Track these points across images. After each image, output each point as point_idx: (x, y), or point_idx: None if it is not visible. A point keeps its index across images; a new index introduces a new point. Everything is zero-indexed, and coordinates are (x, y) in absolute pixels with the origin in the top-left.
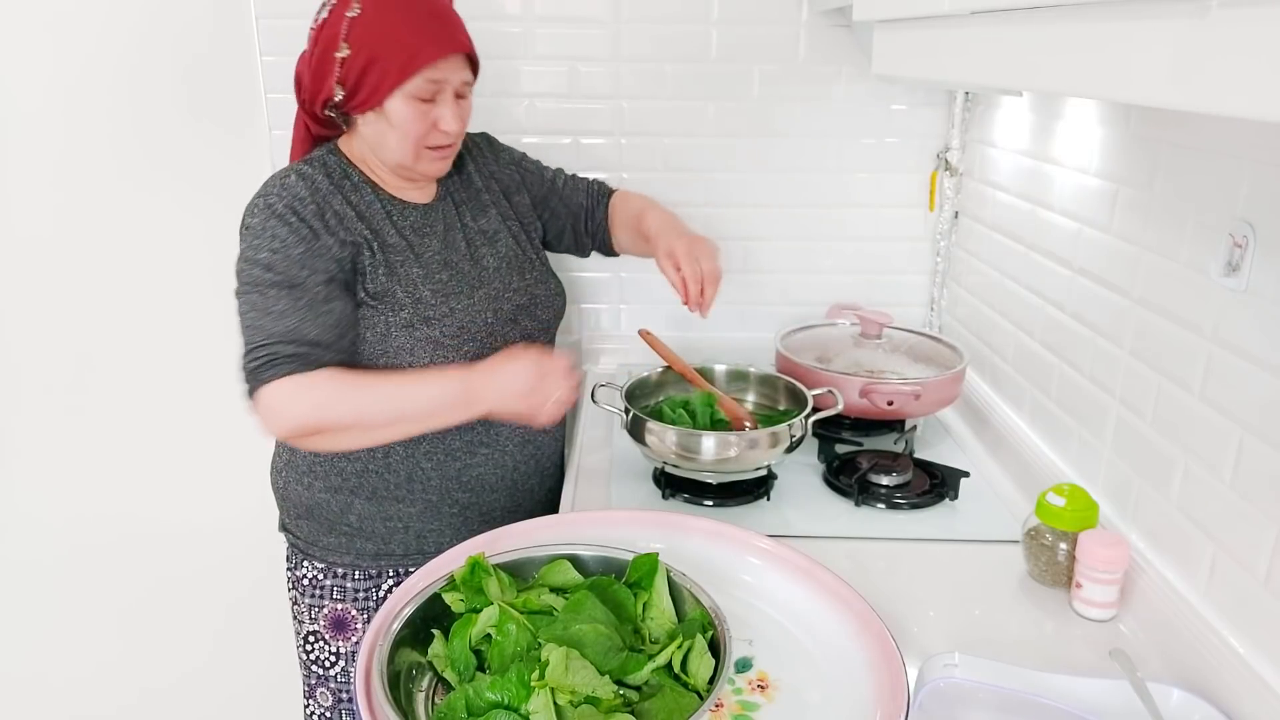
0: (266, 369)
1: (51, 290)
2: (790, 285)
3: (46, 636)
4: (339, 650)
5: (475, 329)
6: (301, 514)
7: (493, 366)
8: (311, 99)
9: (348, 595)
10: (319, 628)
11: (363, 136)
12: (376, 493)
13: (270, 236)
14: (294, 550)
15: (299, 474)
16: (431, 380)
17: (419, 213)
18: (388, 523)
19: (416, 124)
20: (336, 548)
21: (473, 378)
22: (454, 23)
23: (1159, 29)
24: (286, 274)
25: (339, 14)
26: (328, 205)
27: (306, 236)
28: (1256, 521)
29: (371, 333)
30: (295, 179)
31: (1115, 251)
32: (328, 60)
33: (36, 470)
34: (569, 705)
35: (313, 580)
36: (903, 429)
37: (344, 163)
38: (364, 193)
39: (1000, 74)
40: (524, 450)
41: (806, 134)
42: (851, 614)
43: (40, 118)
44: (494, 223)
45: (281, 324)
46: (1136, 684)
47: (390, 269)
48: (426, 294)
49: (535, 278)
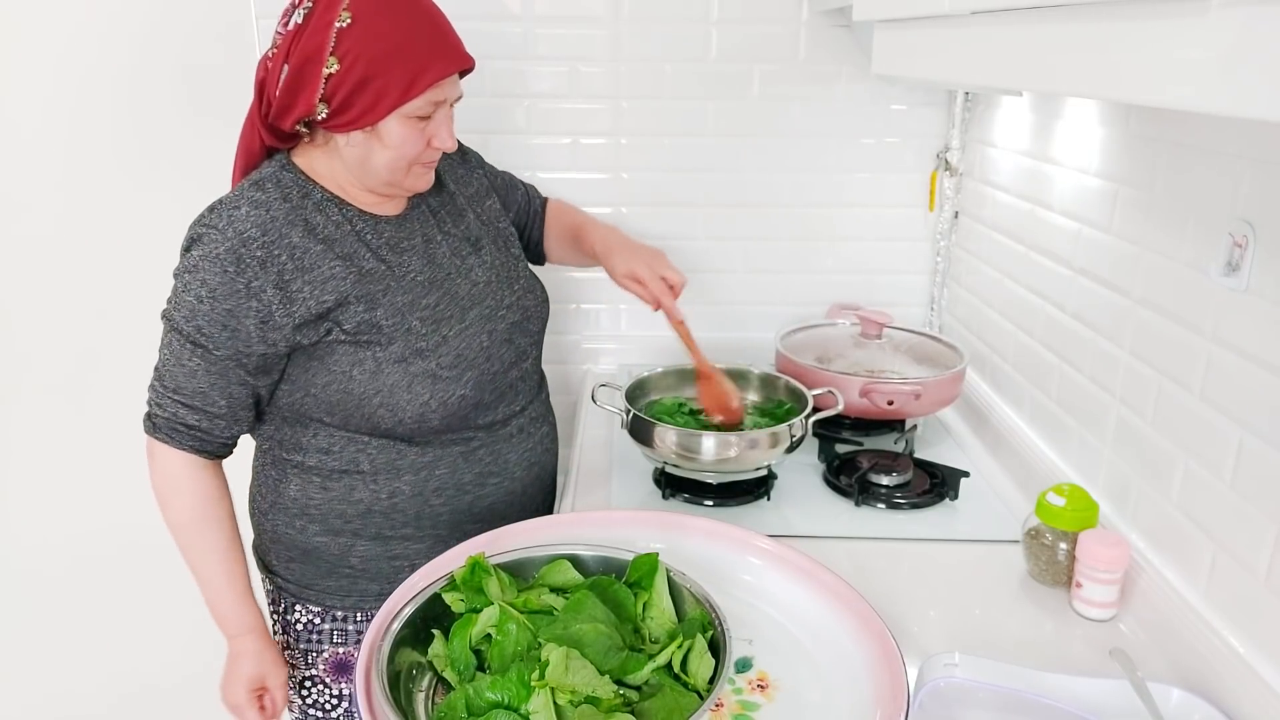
0: (166, 429)
1: (53, 291)
2: (790, 285)
3: (44, 638)
4: (341, 692)
5: (472, 355)
6: (294, 557)
7: (239, 664)
8: (281, 112)
9: (349, 638)
10: (317, 672)
11: (340, 155)
12: (381, 533)
13: (201, 282)
14: (282, 595)
15: (289, 516)
16: (237, 599)
17: (393, 226)
18: (394, 561)
19: (412, 144)
20: (336, 590)
21: (240, 644)
22: (453, 34)
23: (1159, 29)
24: (207, 333)
25: (325, 21)
26: (282, 242)
27: (238, 292)
28: (1256, 521)
29: (360, 370)
30: (246, 209)
31: (1115, 251)
32: (309, 74)
33: (36, 470)
34: (569, 705)
35: (308, 625)
36: (903, 429)
37: (301, 179)
38: (329, 211)
39: (1000, 74)
40: (530, 473)
41: (806, 134)
42: (851, 614)
43: (43, 118)
44: (474, 228)
45: (191, 384)
46: (1136, 684)
47: (371, 301)
48: (415, 323)
49: (524, 287)
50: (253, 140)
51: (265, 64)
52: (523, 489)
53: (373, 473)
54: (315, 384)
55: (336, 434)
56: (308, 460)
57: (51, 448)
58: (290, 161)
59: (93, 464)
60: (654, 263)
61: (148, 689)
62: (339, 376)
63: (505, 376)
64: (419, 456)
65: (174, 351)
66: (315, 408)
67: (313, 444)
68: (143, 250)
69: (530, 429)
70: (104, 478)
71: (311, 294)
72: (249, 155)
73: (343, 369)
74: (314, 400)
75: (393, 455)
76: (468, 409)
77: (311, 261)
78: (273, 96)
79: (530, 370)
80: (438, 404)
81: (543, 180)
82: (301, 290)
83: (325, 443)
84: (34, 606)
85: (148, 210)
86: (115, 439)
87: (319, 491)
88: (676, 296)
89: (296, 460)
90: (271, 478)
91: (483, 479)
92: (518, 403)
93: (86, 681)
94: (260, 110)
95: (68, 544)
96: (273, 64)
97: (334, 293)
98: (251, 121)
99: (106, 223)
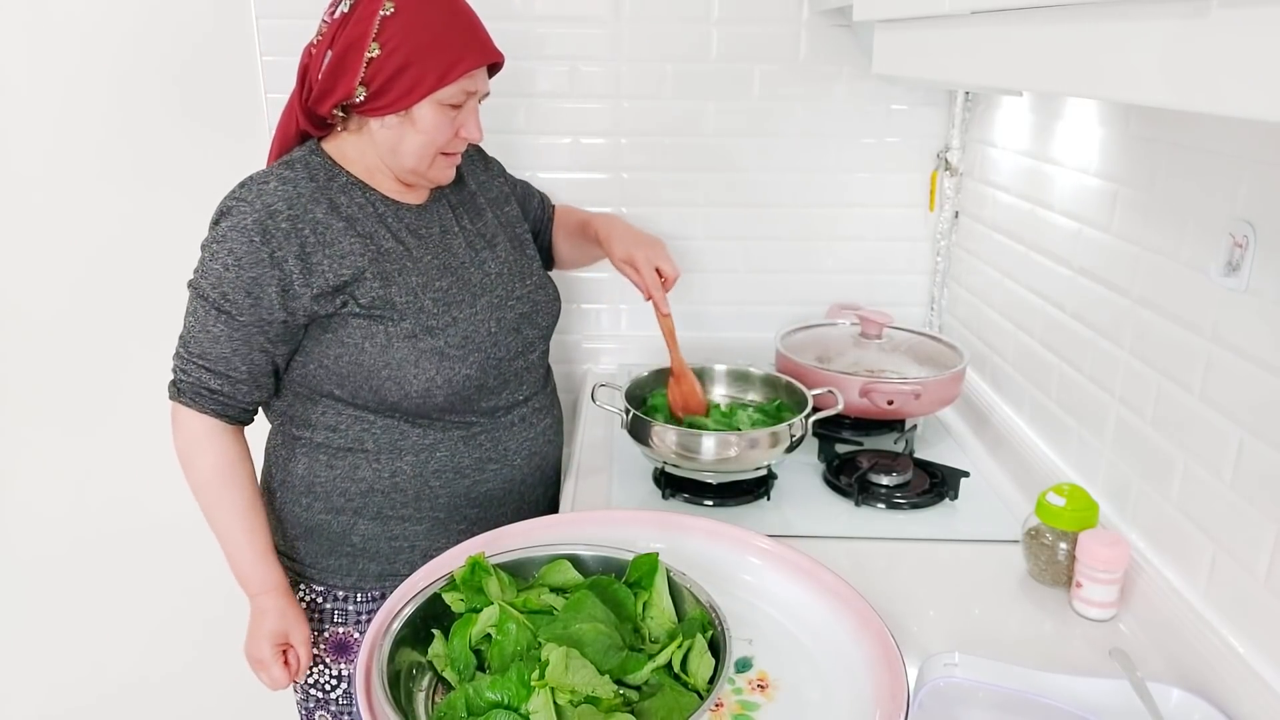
0: (190, 393)
1: (51, 292)
2: (790, 285)
3: (45, 628)
4: (340, 673)
5: (479, 339)
6: (299, 535)
7: (263, 621)
8: (322, 96)
9: (350, 618)
10: (319, 651)
11: (372, 139)
12: (381, 513)
13: (228, 251)
14: (288, 573)
15: (295, 494)
16: (258, 557)
17: (413, 214)
18: (393, 542)
19: (442, 130)
20: (338, 570)
21: (262, 601)
22: (485, 31)
23: (1159, 29)
24: (232, 299)
25: (370, 10)
26: (306, 216)
27: (263, 261)
28: (1256, 521)
29: (371, 344)
30: (275, 184)
31: (1115, 251)
32: (352, 58)
33: (36, 470)
34: (569, 705)
35: (311, 604)
36: (903, 429)
37: (329, 163)
38: (353, 194)
39: (1000, 74)
40: (531, 462)
41: (806, 134)
42: (851, 614)
43: (40, 118)
44: (491, 226)
45: (215, 349)
46: (1136, 684)
47: (386, 278)
48: (428, 303)
49: (535, 283)
50: (289, 126)
51: (309, 51)
52: (522, 478)
53: (376, 451)
54: (328, 355)
55: (344, 411)
56: (315, 437)
57: (51, 447)
58: (320, 147)
59: (92, 464)
60: (651, 252)
61: (145, 686)
62: (351, 349)
63: (510, 365)
64: (421, 438)
65: (199, 318)
66: (326, 379)
67: (321, 420)
68: (143, 249)
69: (533, 419)
70: (103, 477)
71: (330, 267)
72: (284, 140)
73: (355, 341)
74: (325, 372)
75: (395, 435)
76: (471, 390)
77: (333, 237)
78: (315, 81)
79: (536, 363)
80: (443, 380)
81: (543, 180)
82: (321, 263)
83: (333, 420)
84: (33, 601)
85: (147, 210)
86: (116, 439)
87: (325, 469)
88: (668, 289)
89: (305, 437)
90: (282, 456)
91: (482, 464)
92: (521, 392)
93: (85, 677)
94: (301, 96)
95: (67, 538)
96: (316, 50)
97: (351, 267)
98: (291, 107)
99: (106, 223)
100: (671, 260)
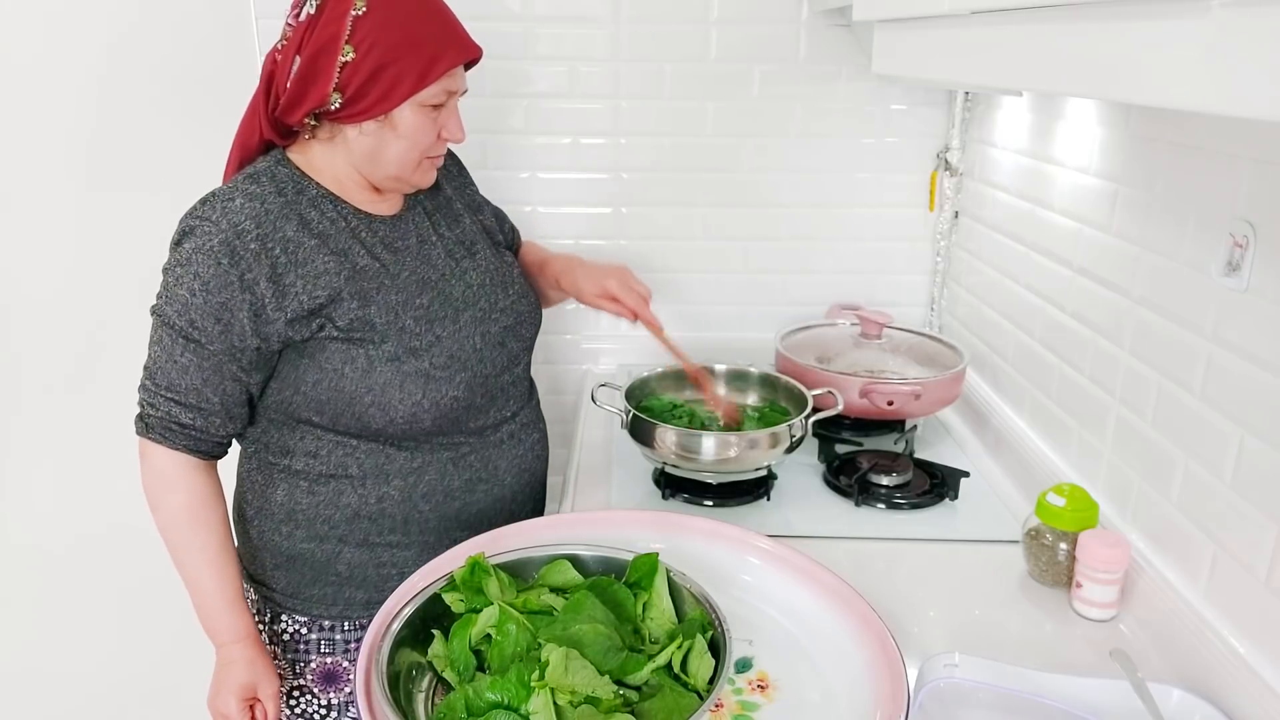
0: (159, 428)
1: (50, 291)
2: (790, 285)
3: (43, 630)
4: (330, 702)
5: (465, 356)
6: (279, 564)
7: (230, 671)
8: (291, 104)
9: (337, 647)
10: (305, 682)
11: (347, 148)
12: (368, 539)
13: (194, 275)
14: (268, 604)
15: (275, 522)
16: (228, 604)
17: (388, 226)
18: (381, 569)
19: (425, 133)
20: (322, 599)
21: (230, 651)
22: (460, 26)
23: (1160, 29)
24: (200, 327)
25: (340, 11)
26: (276, 235)
27: (232, 284)
28: (1256, 521)
29: (351, 368)
30: (241, 201)
31: (1115, 251)
32: (324, 62)
33: (35, 469)
34: (569, 705)
35: (295, 635)
36: (903, 429)
37: (297, 175)
38: (324, 208)
39: (1000, 74)
40: (520, 480)
41: (806, 134)
42: (851, 614)
43: (40, 117)
44: (470, 232)
45: (184, 380)
46: (1136, 684)
47: (364, 298)
48: (409, 322)
49: (517, 292)
50: (251, 135)
51: (274, 57)
52: (512, 495)
53: (361, 477)
54: (305, 381)
55: (325, 437)
56: (295, 464)
57: (50, 447)
58: (286, 157)
59: (91, 463)
60: (621, 277)
61: (146, 686)
62: (330, 374)
63: (497, 380)
64: (408, 461)
65: (165, 348)
66: (304, 407)
67: (300, 447)
68: (141, 251)
69: (521, 435)
70: (102, 476)
71: (304, 288)
72: (245, 150)
73: (334, 366)
74: (303, 399)
75: (381, 460)
76: (459, 411)
77: (305, 256)
78: (282, 89)
79: (521, 376)
80: (430, 404)
81: (543, 180)
82: (294, 284)
83: (313, 446)
84: (32, 602)
85: (147, 210)
86: (111, 440)
87: (306, 496)
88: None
89: (283, 464)
90: (258, 483)
91: (472, 485)
92: (509, 408)
93: (84, 675)
94: (266, 104)
95: (65, 538)
96: (283, 56)
97: (327, 288)
98: (253, 115)
99: (107, 222)
100: (640, 280)
